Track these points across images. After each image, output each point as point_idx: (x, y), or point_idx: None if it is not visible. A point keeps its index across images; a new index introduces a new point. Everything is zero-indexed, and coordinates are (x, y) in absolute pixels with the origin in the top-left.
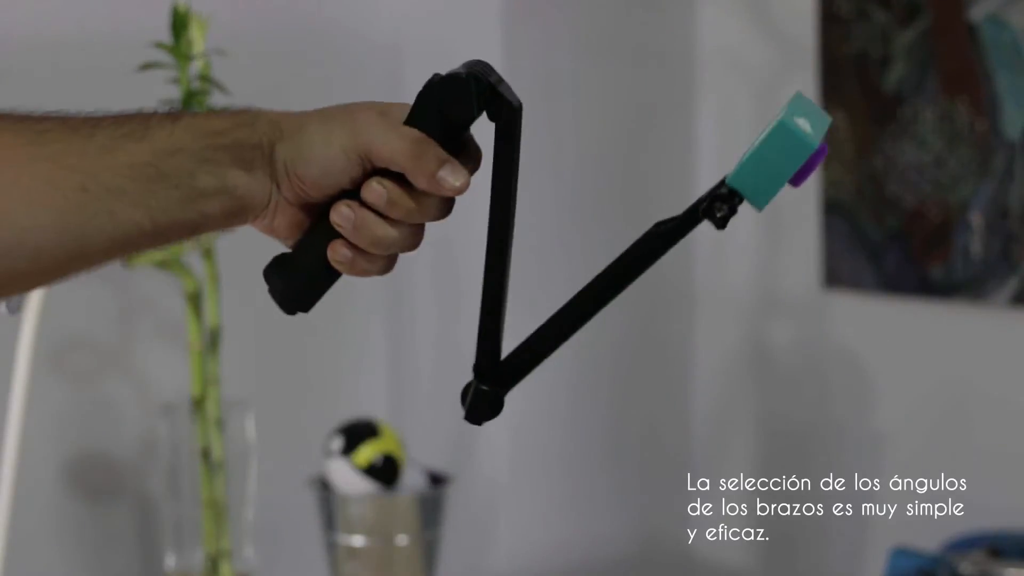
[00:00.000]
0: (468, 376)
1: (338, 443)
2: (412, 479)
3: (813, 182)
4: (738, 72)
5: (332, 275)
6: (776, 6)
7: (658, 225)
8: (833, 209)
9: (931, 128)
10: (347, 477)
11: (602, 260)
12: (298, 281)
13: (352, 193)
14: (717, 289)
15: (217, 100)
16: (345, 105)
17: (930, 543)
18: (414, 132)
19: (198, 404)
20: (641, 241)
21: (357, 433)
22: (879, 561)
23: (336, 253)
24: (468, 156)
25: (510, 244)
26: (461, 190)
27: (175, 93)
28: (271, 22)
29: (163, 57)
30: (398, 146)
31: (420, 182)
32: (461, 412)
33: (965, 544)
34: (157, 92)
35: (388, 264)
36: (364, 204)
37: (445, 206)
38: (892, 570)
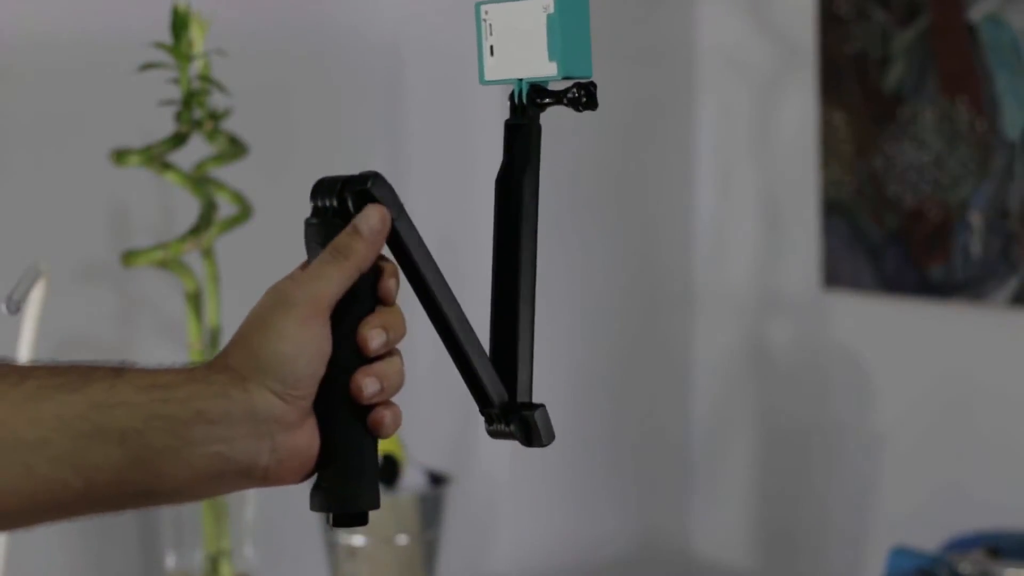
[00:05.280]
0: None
1: None
2: (412, 479)
3: (813, 182)
4: (738, 72)
5: (375, 449)
6: (776, 6)
7: (501, 178)
8: (833, 209)
9: (931, 128)
10: None
11: (601, 259)
12: (357, 481)
13: (336, 371)
14: (717, 289)
15: (217, 100)
16: (261, 306)
17: (930, 543)
18: (323, 255)
19: None
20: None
21: None
22: (879, 561)
23: (383, 422)
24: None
25: (446, 294)
26: (384, 218)
27: (175, 93)
28: (271, 22)
29: (163, 57)
30: (331, 273)
31: (368, 253)
32: (461, 412)
33: (965, 544)
34: (157, 92)
35: None
36: (371, 361)
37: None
38: (892, 570)
